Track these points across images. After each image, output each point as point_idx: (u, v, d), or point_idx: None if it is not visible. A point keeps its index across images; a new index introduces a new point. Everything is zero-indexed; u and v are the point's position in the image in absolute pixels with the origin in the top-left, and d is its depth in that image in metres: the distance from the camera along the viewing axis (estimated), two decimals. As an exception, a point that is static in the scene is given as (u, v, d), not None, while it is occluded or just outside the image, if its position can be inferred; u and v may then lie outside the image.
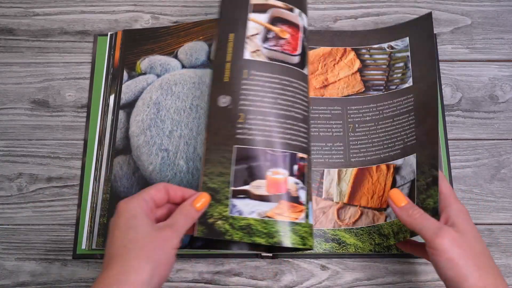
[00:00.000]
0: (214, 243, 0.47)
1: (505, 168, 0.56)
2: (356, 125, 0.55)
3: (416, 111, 0.53)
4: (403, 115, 0.54)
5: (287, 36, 0.49)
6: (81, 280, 0.52)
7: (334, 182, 0.54)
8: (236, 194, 0.45)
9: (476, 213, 0.54)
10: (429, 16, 0.56)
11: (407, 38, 0.57)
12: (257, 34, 0.48)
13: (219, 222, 0.44)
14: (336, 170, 0.54)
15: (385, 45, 0.58)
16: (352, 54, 0.58)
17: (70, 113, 0.59)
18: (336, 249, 0.51)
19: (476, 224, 0.54)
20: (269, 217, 0.44)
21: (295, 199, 0.46)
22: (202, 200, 0.43)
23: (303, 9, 0.52)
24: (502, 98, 0.59)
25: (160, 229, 0.40)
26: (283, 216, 0.44)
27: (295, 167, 0.46)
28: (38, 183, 0.56)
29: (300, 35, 0.49)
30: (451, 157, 0.56)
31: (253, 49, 0.48)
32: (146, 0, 0.64)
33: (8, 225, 0.54)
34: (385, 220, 0.51)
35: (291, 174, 0.46)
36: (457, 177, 0.56)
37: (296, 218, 0.45)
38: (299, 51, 0.49)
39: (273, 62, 0.48)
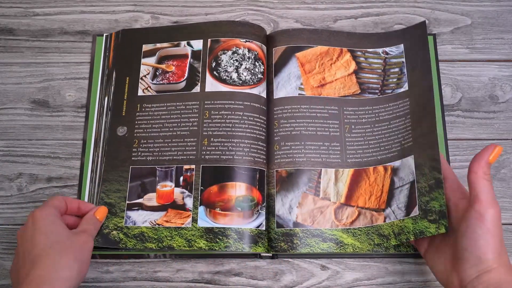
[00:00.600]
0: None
1: (505, 168, 0.56)
2: (352, 126, 0.55)
3: (413, 115, 0.53)
4: (400, 118, 0.54)
5: (172, 69, 0.58)
6: (81, 280, 0.52)
7: (331, 182, 0.54)
8: (131, 207, 0.53)
9: (476, 213, 0.54)
10: (422, 24, 0.57)
11: (402, 45, 0.58)
12: (147, 74, 0.58)
13: (114, 232, 0.51)
14: (333, 170, 0.54)
15: (379, 50, 0.58)
16: (348, 56, 0.58)
17: (70, 113, 0.59)
18: (333, 249, 0.51)
19: (476, 224, 0.54)
20: (159, 224, 0.52)
21: (181, 207, 0.52)
22: (102, 211, 0.51)
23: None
24: (502, 98, 0.59)
25: (77, 234, 0.46)
26: (170, 223, 0.52)
27: (181, 178, 0.53)
28: (38, 183, 0.56)
29: (188, 61, 0.58)
30: (451, 157, 0.56)
31: (145, 86, 0.58)
32: (146, 0, 0.64)
33: (8, 225, 0.54)
34: (384, 221, 0.51)
35: (177, 185, 0.53)
36: (457, 177, 0.55)
37: (182, 223, 0.51)
38: (185, 76, 0.57)
39: (160, 94, 0.57)
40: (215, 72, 0.57)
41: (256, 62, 0.57)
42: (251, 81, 0.56)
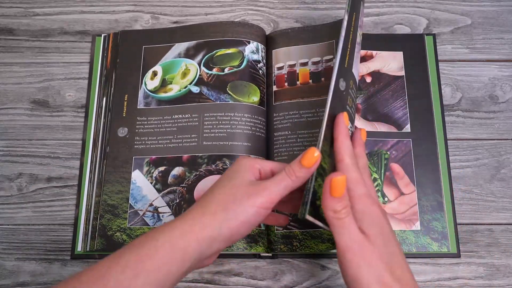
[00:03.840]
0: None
1: (505, 168, 0.56)
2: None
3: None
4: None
5: None
6: (81, 280, 0.52)
7: None
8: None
9: (476, 213, 0.54)
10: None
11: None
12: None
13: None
14: None
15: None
16: None
17: (70, 113, 0.59)
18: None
19: (476, 224, 0.54)
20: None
21: None
22: (309, 156, 0.38)
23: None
24: (502, 98, 0.59)
25: (254, 185, 0.38)
26: None
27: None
28: (38, 183, 0.56)
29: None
30: (451, 157, 0.56)
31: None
32: (146, 0, 0.64)
33: (8, 225, 0.54)
34: None
35: None
36: (457, 177, 0.56)
37: None
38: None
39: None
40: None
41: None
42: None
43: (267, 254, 0.52)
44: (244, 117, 0.55)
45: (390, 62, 0.58)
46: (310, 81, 0.57)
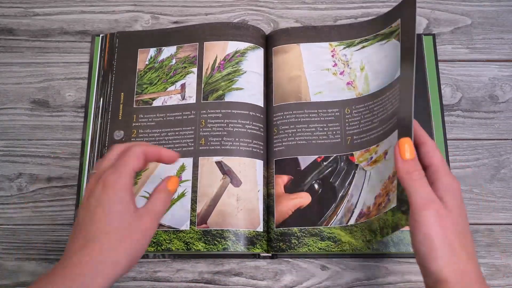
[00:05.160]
0: None
1: (505, 168, 0.56)
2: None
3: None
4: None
5: None
6: (81, 280, 0.52)
7: None
8: None
9: (476, 213, 0.54)
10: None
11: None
12: None
13: None
14: None
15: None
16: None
17: (70, 113, 0.59)
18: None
19: (476, 224, 0.54)
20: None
21: None
22: (174, 182, 0.43)
23: None
24: (502, 98, 0.59)
25: (142, 217, 0.39)
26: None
27: None
28: (38, 183, 0.56)
29: None
30: (451, 157, 0.56)
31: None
32: (146, 0, 0.64)
33: (8, 225, 0.54)
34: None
35: None
36: (457, 177, 0.55)
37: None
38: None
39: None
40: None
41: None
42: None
43: (267, 254, 0.52)
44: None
45: None
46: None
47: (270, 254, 0.52)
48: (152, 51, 0.59)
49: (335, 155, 0.54)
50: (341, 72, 0.57)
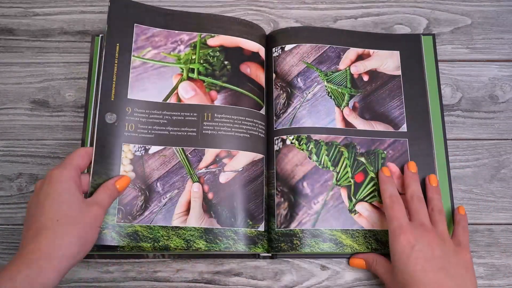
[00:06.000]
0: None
1: (505, 168, 0.56)
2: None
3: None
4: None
5: None
6: (81, 280, 0.52)
7: None
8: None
9: (476, 213, 0.54)
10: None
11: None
12: None
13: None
14: None
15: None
16: None
17: (70, 113, 0.59)
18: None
19: (476, 224, 0.54)
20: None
21: None
22: (124, 181, 0.48)
23: None
24: (502, 98, 0.59)
25: (89, 206, 0.43)
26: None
27: None
28: (38, 183, 0.56)
29: None
30: (451, 157, 0.56)
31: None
32: (146, 0, 0.64)
33: (8, 225, 0.55)
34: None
35: None
36: (457, 177, 0.56)
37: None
38: None
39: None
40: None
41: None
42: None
43: (267, 254, 0.52)
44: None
45: (387, 61, 0.58)
46: None
47: (270, 254, 0.52)
48: None
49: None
50: None
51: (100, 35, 0.61)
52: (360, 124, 0.56)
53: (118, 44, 0.54)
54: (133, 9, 0.56)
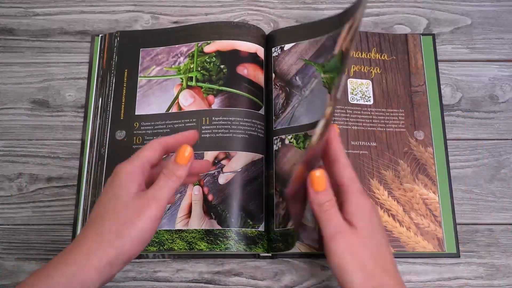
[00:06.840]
0: None
1: (505, 168, 0.56)
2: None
3: None
4: None
5: None
6: (81, 280, 0.52)
7: None
8: None
9: (476, 213, 0.54)
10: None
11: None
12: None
13: None
14: None
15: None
16: None
17: (70, 113, 0.59)
18: None
19: (476, 224, 0.54)
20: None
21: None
22: (182, 153, 0.41)
23: None
24: (502, 98, 0.59)
25: (141, 198, 0.38)
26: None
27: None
28: (38, 183, 0.56)
29: None
30: (451, 157, 0.56)
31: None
32: (146, 0, 0.64)
33: (8, 225, 0.54)
34: None
35: None
36: (457, 177, 0.56)
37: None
38: None
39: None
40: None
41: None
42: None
43: (267, 254, 0.52)
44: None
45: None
46: None
47: (270, 254, 0.52)
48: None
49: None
50: None
51: (100, 35, 0.61)
52: None
53: (126, 70, 0.58)
54: (139, 37, 0.60)
